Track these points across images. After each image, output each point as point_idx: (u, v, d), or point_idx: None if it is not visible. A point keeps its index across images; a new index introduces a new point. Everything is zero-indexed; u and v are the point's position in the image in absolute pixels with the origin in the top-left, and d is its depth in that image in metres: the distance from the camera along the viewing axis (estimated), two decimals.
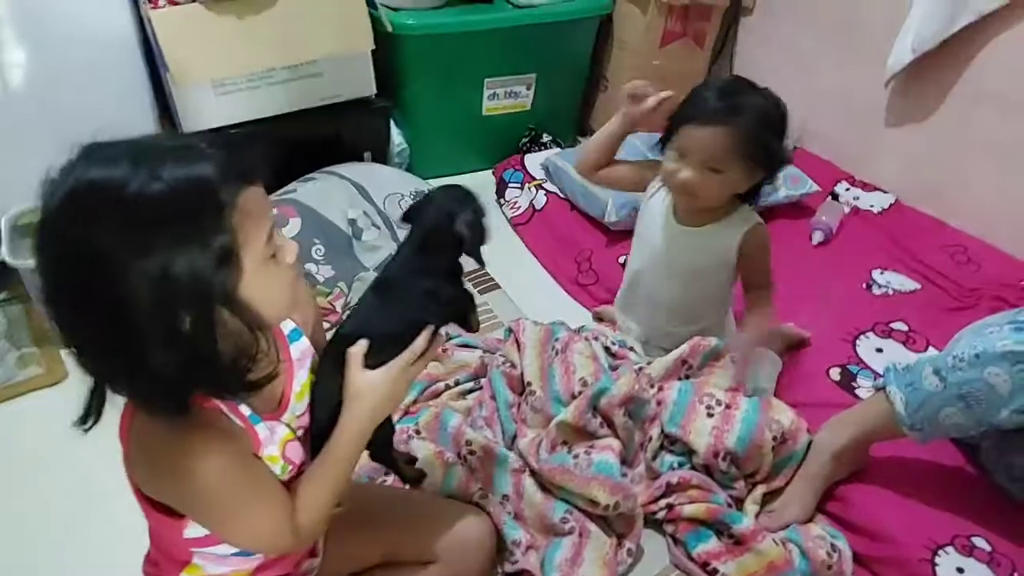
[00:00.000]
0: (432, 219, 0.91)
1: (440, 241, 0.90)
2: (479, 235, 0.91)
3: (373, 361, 0.88)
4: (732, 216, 1.34)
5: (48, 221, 0.64)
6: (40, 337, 1.62)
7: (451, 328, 1.57)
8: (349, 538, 1.04)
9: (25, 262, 1.48)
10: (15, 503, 1.29)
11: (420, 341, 0.89)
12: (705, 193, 1.27)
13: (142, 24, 1.70)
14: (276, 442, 0.83)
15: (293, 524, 0.82)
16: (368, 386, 0.86)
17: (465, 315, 0.96)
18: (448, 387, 1.46)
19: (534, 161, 2.16)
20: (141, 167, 0.62)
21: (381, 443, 1.01)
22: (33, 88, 1.60)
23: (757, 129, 1.21)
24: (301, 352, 0.90)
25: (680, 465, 1.31)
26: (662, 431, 1.33)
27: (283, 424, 0.84)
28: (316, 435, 0.88)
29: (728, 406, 1.30)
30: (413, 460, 1.18)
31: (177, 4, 1.65)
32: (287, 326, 0.89)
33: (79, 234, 0.62)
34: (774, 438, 1.28)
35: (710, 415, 1.30)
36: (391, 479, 1.24)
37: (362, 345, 0.88)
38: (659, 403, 1.35)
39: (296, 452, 0.86)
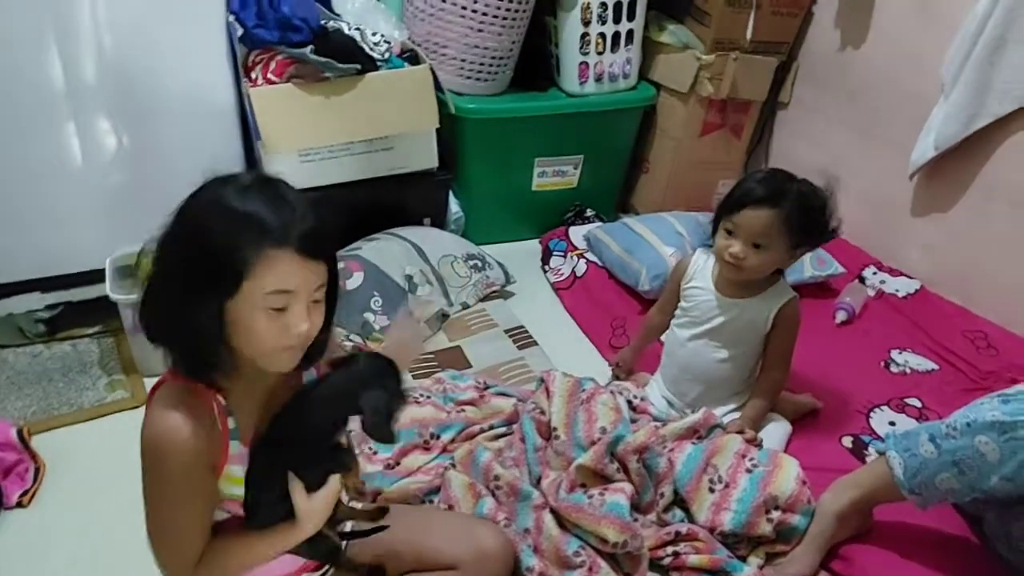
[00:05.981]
0: (342, 385, 0.95)
1: (340, 405, 0.93)
2: (379, 415, 0.92)
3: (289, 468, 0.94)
4: (769, 291, 1.51)
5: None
6: (128, 366, 1.83)
7: (489, 379, 1.75)
8: (377, 547, 1.15)
9: (126, 296, 1.68)
10: (99, 504, 1.48)
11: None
12: (749, 265, 1.44)
13: (240, 98, 1.98)
14: (241, 471, 0.92)
15: (194, 566, 0.90)
16: (311, 511, 0.94)
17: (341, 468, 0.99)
18: (483, 430, 1.60)
19: (577, 233, 2.34)
20: (249, 185, 0.84)
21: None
22: (142, 153, 1.84)
23: (796, 212, 1.40)
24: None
25: (691, 520, 1.41)
26: (674, 490, 1.43)
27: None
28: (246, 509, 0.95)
29: (728, 485, 1.39)
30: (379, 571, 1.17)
31: (273, 84, 1.92)
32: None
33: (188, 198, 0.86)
34: (769, 519, 1.35)
35: (711, 490, 1.40)
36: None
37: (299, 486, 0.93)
38: (671, 462, 1.44)
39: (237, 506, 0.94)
